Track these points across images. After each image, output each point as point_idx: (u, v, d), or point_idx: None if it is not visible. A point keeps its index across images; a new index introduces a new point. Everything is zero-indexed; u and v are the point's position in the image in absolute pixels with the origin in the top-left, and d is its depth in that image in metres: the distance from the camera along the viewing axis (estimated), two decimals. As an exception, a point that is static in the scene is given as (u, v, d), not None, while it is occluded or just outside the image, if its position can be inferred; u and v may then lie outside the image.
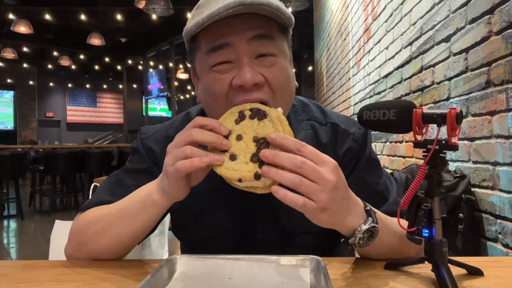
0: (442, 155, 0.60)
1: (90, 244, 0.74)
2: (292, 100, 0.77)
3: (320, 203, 0.55)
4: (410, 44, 2.38)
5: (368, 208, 0.64)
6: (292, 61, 0.79)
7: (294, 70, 0.79)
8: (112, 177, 0.86)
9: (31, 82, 16.31)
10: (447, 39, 1.89)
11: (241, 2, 0.62)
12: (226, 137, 0.62)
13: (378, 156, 1.06)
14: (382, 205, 0.80)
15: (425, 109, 0.60)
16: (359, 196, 0.74)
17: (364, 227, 0.61)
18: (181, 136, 0.62)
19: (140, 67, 15.27)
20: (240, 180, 0.59)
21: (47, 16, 9.08)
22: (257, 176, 0.58)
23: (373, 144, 3.11)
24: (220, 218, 0.82)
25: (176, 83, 14.05)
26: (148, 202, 0.68)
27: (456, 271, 0.63)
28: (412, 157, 2.40)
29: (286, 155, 0.55)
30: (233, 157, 0.61)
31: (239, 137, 0.61)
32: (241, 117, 0.63)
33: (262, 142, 0.60)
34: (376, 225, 0.62)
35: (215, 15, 0.63)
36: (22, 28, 8.08)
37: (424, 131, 0.62)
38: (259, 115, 0.62)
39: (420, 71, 2.24)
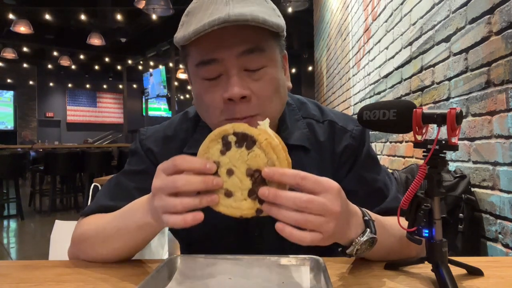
0: (442, 155, 0.60)
1: (90, 253, 0.75)
2: (283, 105, 0.77)
3: (327, 233, 0.53)
4: (410, 44, 2.38)
5: (367, 218, 0.63)
6: (286, 61, 0.78)
7: (293, 70, 0.79)
8: (112, 180, 0.86)
9: (31, 82, 16.30)
10: (447, 39, 1.89)
11: (225, 20, 0.61)
12: (215, 170, 0.57)
13: (378, 156, 1.06)
14: (381, 202, 0.81)
15: (425, 109, 0.60)
16: (359, 194, 0.76)
17: (362, 239, 0.60)
18: (166, 182, 0.56)
19: (140, 67, 15.27)
20: (241, 217, 0.56)
21: (47, 16, 9.08)
22: (259, 211, 0.55)
23: (373, 144, 3.12)
24: (218, 217, 0.82)
25: (176, 83, 14.05)
26: (143, 224, 0.65)
27: (456, 271, 0.63)
28: (412, 157, 2.40)
29: (288, 195, 0.52)
30: (228, 194, 0.56)
31: (230, 172, 0.56)
32: (226, 145, 0.56)
33: (257, 176, 0.55)
34: (375, 236, 0.61)
35: (200, 32, 0.63)
36: (22, 28, 8.08)
37: (424, 131, 0.62)
38: (246, 141, 0.55)
39: (420, 71, 2.24)
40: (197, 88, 0.72)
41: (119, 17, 9.45)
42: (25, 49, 12.07)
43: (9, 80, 15.84)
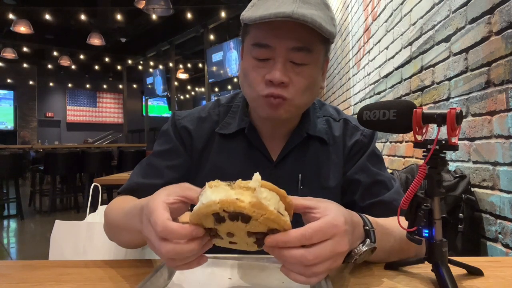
0: (442, 155, 0.60)
1: (109, 234, 0.82)
2: (312, 100, 0.86)
3: (335, 268, 0.54)
4: (410, 44, 2.38)
5: (368, 228, 0.63)
6: (327, 65, 0.87)
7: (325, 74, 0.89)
8: (143, 162, 0.94)
9: (31, 82, 16.29)
10: (447, 39, 1.89)
11: (289, 15, 0.70)
12: (215, 234, 0.52)
13: (378, 156, 1.09)
14: (384, 192, 0.85)
15: (425, 109, 0.60)
16: (363, 183, 0.85)
17: (362, 249, 0.61)
18: (154, 244, 0.53)
19: (140, 67, 15.26)
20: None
21: (47, 16, 9.06)
22: (260, 245, 0.52)
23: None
24: None
25: (176, 83, 14.04)
26: (138, 231, 0.64)
27: (456, 271, 0.63)
28: (412, 157, 2.40)
29: (294, 255, 0.50)
30: (231, 234, 0.52)
31: (230, 234, 0.52)
32: (219, 220, 0.49)
33: (259, 238, 0.51)
34: (374, 245, 0.62)
35: (265, 18, 0.72)
36: (22, 28, 8.07)
37: (424, 131, 0.62)
38: (241, 217, 0.48)
39: (420, 71, 2.24)
40: (246, 63, 0.82)
41: (119, 17, 9.42)
42: (25, 49, 12.06)
43: (9, 80, 15.82)
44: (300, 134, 0.89)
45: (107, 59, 14.08)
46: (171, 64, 12.97)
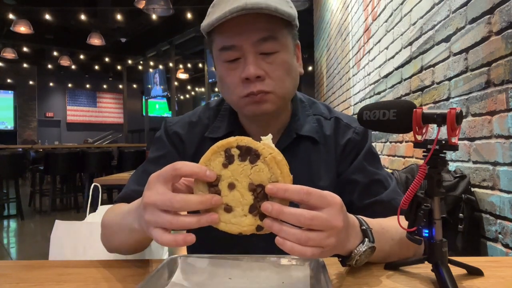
0: (442, 155, 0.60)
1: (105, 242, 0.81)
2: (294, 87, 0.85)
3: (328, 248, 0.53)
4: (410, 44, 2.38)
5: (365, 227, 0.63)
6: (299, 50, 0.87)
7: (302, 57, 0.88)
8: (139, 169, 0.94)
9: (31, 82, 16.29)
10: (447, 39, 1.89)
11: (243, 7, 0.71)
12: (216, 183, 0.55)
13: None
14: (382, 192, 0.85)
15: (425, 109, 0.60)
16: (360, 183, 0.84)
17: (361, 249, 0.61)
18: (162, 199, 0.53)
19: (140, 67, 15.26)
20: (240, 234, 0.55)
21: (47, 16, 9.06)
22: (259, 228, 0.54)
23: (373, 144, 3.11)
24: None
25: (176, 83, 14.04)
26: (134, 229, 0.64)
27: (456, 271, 0.63)
28: (412, 157, 2.40)
29: (292, 212, 0.51)
30: (228, 209, 0.54)
31: (231, 186, 0.54)
32: (228, 158, 0.54)
33: (259, 191, 0.54)
34: (373, 245, 0.62)
35: (221, 18, 0.73)
36: (22, 28, 8.06)
37: (424, 131, 0.62)
38: (249, 155, 0.54)
39: (420, 71, 2.24)
40: (220, 70, 0.82)
41: (119, 17, 9.43)
42: (25, 49, 12.05)
43: (9, 80, 15.82)
44: (289, 135, 0.88)
45: (107, 59, 14.08)
46: (171, 64, 12.97)
